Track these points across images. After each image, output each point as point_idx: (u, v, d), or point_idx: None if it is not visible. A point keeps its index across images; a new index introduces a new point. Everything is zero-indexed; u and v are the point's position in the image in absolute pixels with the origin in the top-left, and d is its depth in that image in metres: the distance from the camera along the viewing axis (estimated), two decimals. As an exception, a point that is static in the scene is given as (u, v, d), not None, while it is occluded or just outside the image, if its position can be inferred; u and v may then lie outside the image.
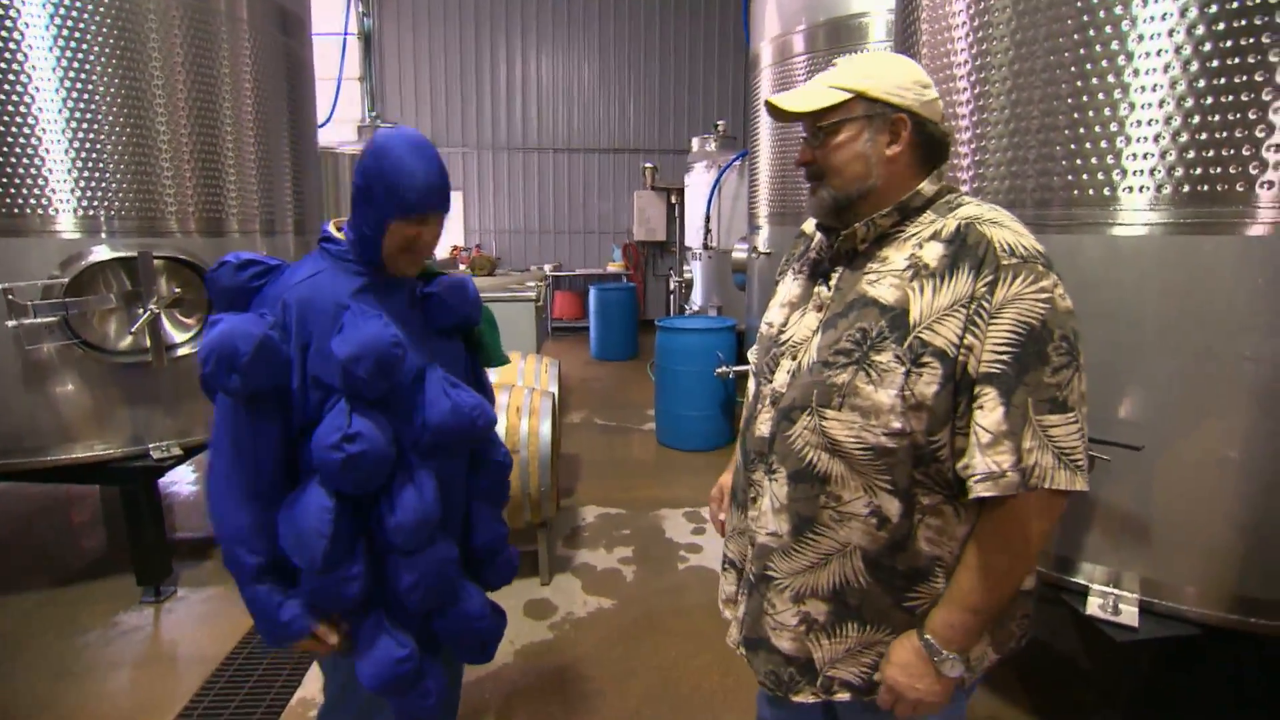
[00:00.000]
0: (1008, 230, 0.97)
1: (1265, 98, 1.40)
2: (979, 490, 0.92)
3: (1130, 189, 1.58)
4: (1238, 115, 1.44)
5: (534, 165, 9.61)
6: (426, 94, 9.29)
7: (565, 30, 9.39)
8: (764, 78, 4.09)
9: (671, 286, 7.38)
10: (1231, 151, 1.46)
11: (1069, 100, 1.63)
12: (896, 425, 0.96)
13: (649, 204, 9.24)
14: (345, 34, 6.51)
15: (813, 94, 1.05)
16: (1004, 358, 0.91)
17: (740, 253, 4.75)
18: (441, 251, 8.67)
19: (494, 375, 3.32)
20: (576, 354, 8.01)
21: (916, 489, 0.99)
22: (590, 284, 8.28)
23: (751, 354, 1.36)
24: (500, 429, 2.78)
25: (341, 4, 7.79)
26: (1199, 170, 1.50)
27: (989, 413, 0.91)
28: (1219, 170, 1.48)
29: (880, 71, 1.03)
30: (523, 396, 2.89)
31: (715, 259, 5.88)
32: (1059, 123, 1.66)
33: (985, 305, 0.92)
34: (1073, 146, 1.64)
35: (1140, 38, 1.53)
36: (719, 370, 4.34)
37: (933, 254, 0.99)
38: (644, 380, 6.69)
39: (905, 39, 2.21)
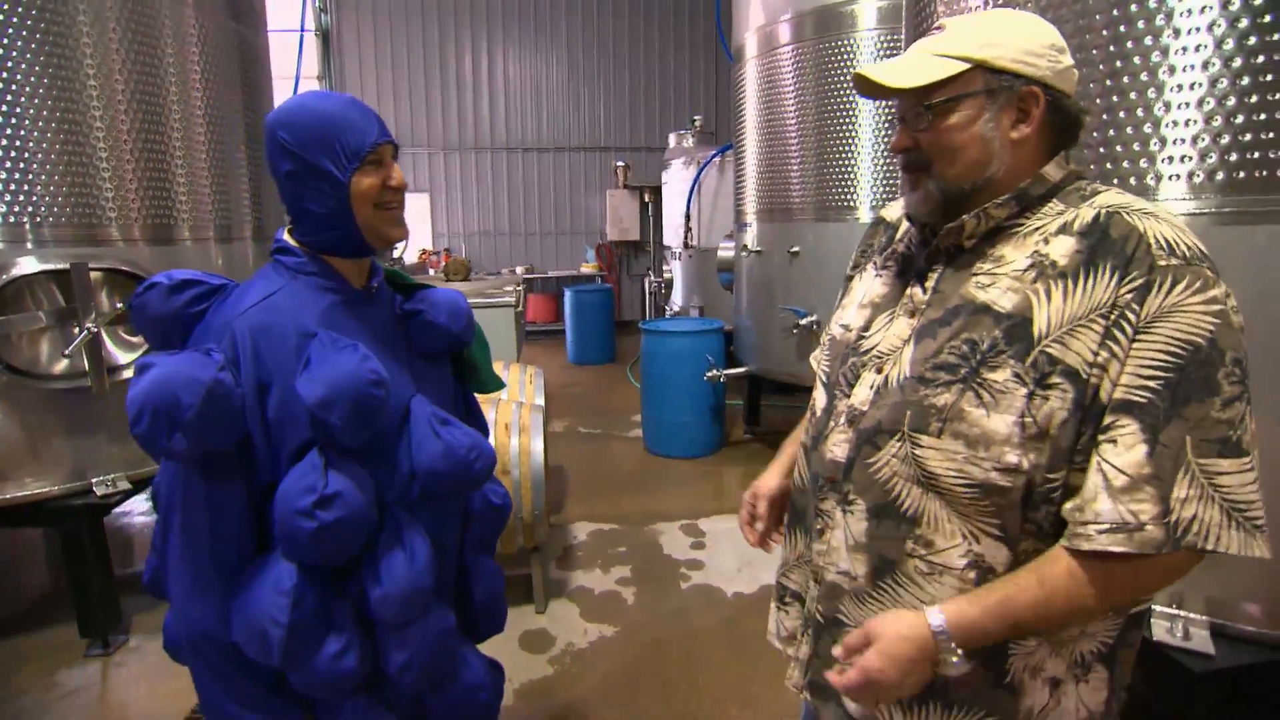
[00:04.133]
0: (1164, 223, 0.79)
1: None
2: (1103, 543, 0.73)
3: (1174, 176, 1.45)
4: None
5: (503, 165, 9.33)
6: (389, 93, 8.95)
7: (531, 27, 9.12)
8: (749, 69, 3.92)
9: (649, 287, 7.18)
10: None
11: (1106, 82, 1.48)
12: (1012, 459, 0.78)
13: (622, 203, 9.03)
14: (302, 30, 6.18)
15: (920, 65, 0.86)
16: (1152, 384, 0.73)
17: (726, 251, 4.58)
18: (410, 256, 8.36)
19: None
20: (553, 358, 7.77)
21: (1024, 538, 0.81)
22: (564, 286, 8.04)
23: (816, 358, 1.17)
24: (490, 443, 2.56)
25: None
26: (1245, 155, 1.37)
27: (1126, 450, 0.73)
28: (1267, 155, 1.34)
29: (1005, 35, 0.84)
30: (511, 412, 2.67)
31: (696, 258, 5.70)
32: (1095, 106, 1.51)
33: (1130, 316, 0.75)
34: (1111, 133, 1.49)
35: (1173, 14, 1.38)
36: (709, 374, 4.16)
37: (1062, 249, 0.81)
38: (624, 385, 6.49)
39: (917, 20, 2.04)
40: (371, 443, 0.95)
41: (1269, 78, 1.35)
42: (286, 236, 1.01)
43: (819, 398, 1.06)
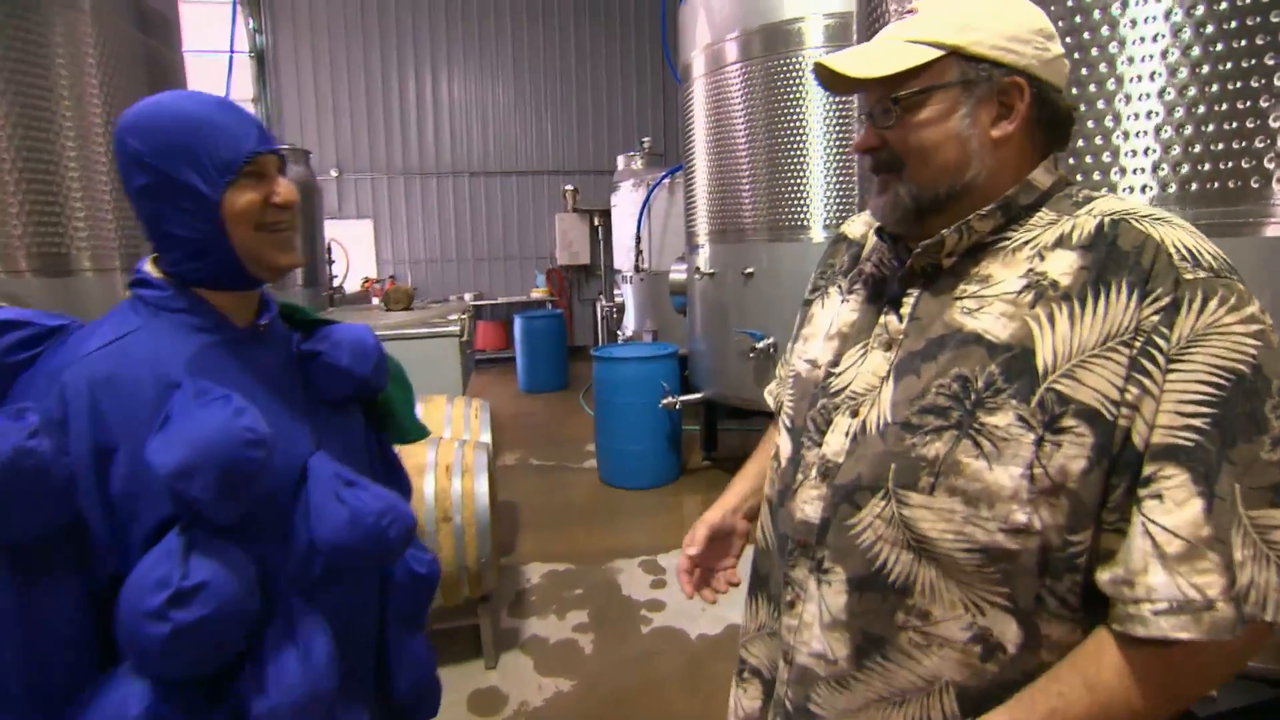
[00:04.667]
0: (1181, 229, 0.67)
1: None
2: (1164, 628, 0.60)
3: (1130, 189, 1.38)
4: (1247, 104, 1.25)
5: (448, 190, 9.11)
6: (329, 116, 8.67)
7: (476, 49, 8.98)
8: (697, 89, 3.86)
9: (601, 312, 7.04)
10: (1243, 144, 1.26)
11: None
12: (1021, 518, 0.65)
13: (571, 227, 8.91)
14: (232, 51, 5.89)
15: (887, 53, 0.74)
16: (1197, 422, 0.61)
17: (678, 274, 4.48)
18: (352, 285, 8.03)
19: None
20: (503, 387, 7.54)
21: (1042, 610, 0.68)
22: (514, 312, 7.83)
23: (774, 395, 1.04)
24: (428, 490, 2.35)
25: (230, 19, 7.14)
26: (1207, 166, 1.31)
27: (1177, 507, 0.60)
28: (1230, 165, 1.29)
29: (985, 18, 0.73)
30: (453, 451, 2.47)
31: (648, 281, 5.60)
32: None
33: (1159, 341, 0.62)
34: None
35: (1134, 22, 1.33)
36: (665, 401, 4.03)
37: (1063, 266, 0.69)
38: (578, 413, 6.30)
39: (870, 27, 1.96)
40: (255, 514, 0.77)
41: (1234, 84, 1.30)
42: (149, 267, 0.83)
43: (784, 445, 0.91)
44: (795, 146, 3.43)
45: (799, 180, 3.45)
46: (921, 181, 0.75)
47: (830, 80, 0.79)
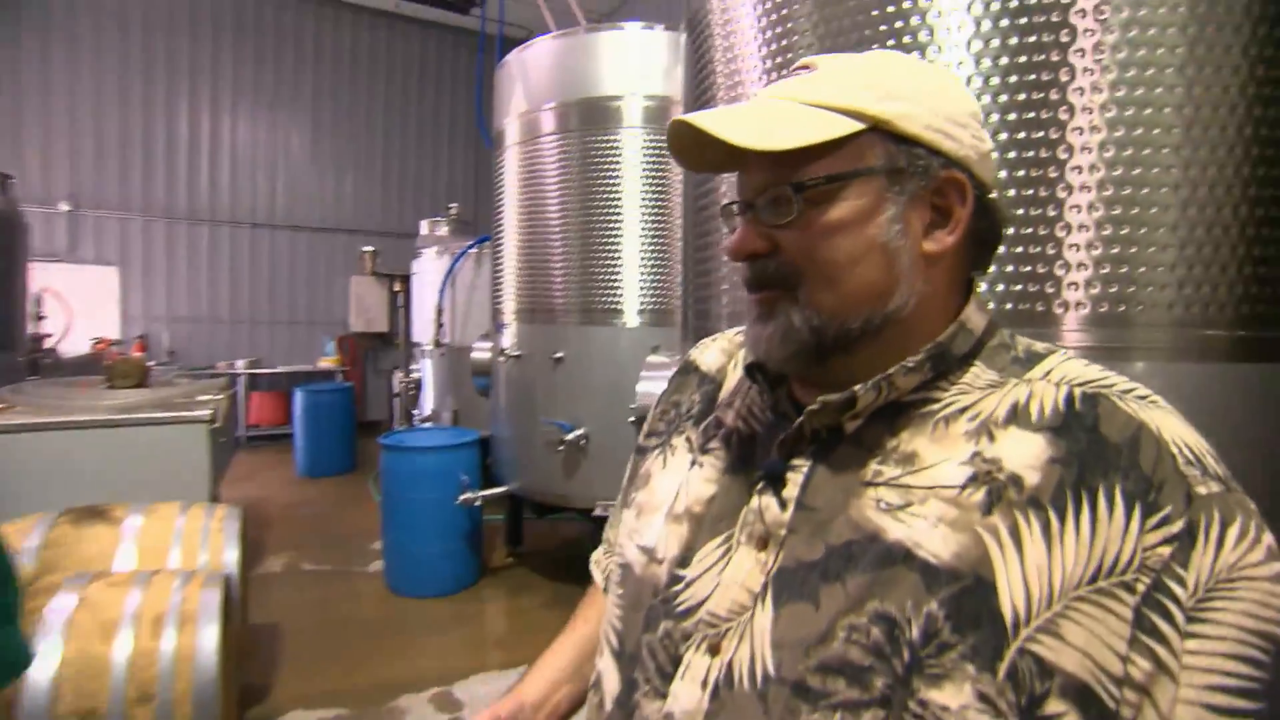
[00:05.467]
0: (1172, 415, 0.50)
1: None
2: None
3: None
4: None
5: (224, 240, 7.94)
6: (64, 139, 7.18)
7: (270, 90, 8.07)
8: (510, 157, 3.63)
9: (396, 388, 6.39)
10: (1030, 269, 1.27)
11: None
12: None
13: (368, 291, 8.16)
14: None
15: (786, 118, 0.53)
16: (1231, 714, 0.42)
17: (481, 353, 4.11)
18: (80, 345, 6.53)
19: (133, 551, 2.19)
20: (279, 470, 6.49)
21: None
22: (296, 384, 6.86)
23: (604, 566, 0.80)
24: (118, 657, 1.71)
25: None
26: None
27: None
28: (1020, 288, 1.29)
29: (914, 89, 0.54)
30: (169, 593, 1.85)
31: (450, 357, 5.15)
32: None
33: (1174, 588, 0.44)
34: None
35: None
36: (463, 498, 3.57)
37: (1024, 455, 0.49)
38: (366, 500, 5.54)
39: (698, 84, 1.77)
40: None
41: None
42: None
43: (608, 676, 0.64)
44: (611, 226, 3.30)
45: (613, 261, 3.31)
46: (827, 308, 0.53)
47: (694, 150, 0.56)
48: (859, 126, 0.52)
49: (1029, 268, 1.17)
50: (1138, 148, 1.10)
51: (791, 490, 0.56)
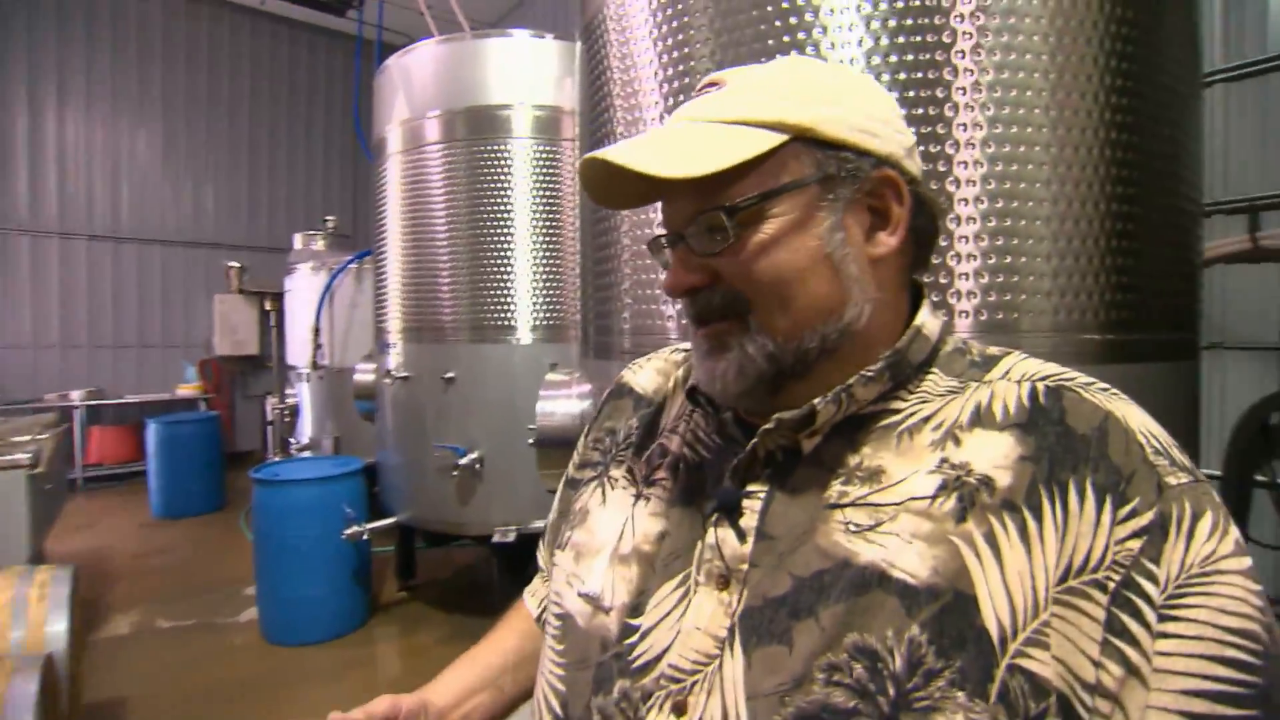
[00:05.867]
0: (1135, 407, 0.49)
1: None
2: None
3: None
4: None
5: (50, 254, 7.00)
6: None
7: (110, 86, 7.22)
8: (392, 167, 3.41)
9: (270, 415, 5.88)
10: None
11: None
12: None
13: (236, 310, 7.51)
14: None
15: (705, 141, 0.48)
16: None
17: (365, 374, 3.84)
18: None
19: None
20: (128, 514, 5.77)
21: None
22: (149, 415, 6.15)
23: (540, 597, 0.75)
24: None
25: None
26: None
27: None
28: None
29: (833, 91, 0.51)
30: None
31: (329, 380, 4.79)
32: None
33: (1145, 584, 0.41)
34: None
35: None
36: (348, 532, 3.30)
37: (993, 455, 0.46)
38: (238, 541, 5.03)
39: (594, 93, 1.70)
40: None
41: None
42: None
43: (537, 707, 0.59)
44: (501, 239, 3.17)
45: (505, 276, 3.19)
46: (781, 331, 0.50)
47: (611, 185, 0.51)
48: (782, 138, 0.49)
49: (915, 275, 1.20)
50: (1016, 162, 1.15)
51: (750, 520, 0.51)
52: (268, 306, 7.45)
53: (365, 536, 3.37)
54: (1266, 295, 2.82)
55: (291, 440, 5.16)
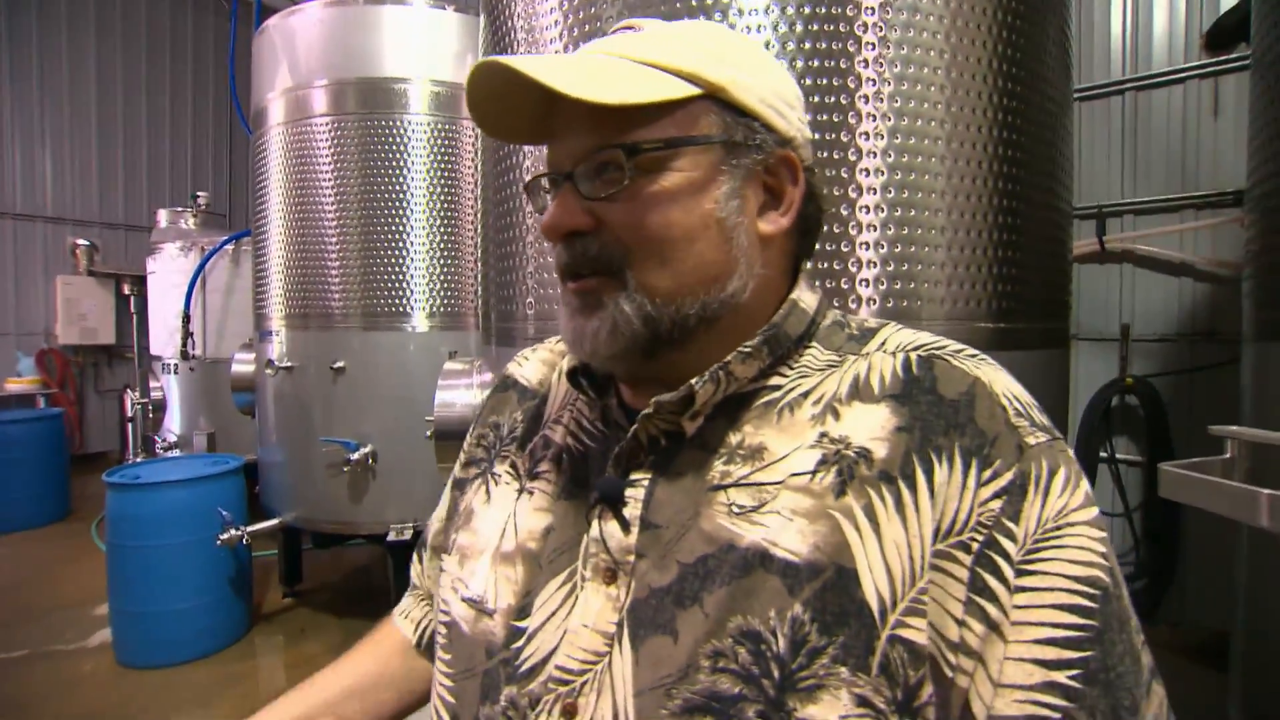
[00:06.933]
0: (1002, 371, 0.51)
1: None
2: None
3: None
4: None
5: None
6: None
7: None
8: (273, 139, 3.15)
9: (129, 411, 5.32)
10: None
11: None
12: None
13: (85, 294, 6.72)
14: None
15: (617, 73, 0.45)
16: (1063, 676, 0.40)
17: (243, 365, 3.54)
18: None
19: None
20: (-54, 528, 5.04)
21: None
22: (-26, 413, 5.41)
23: (413, 617, 0.72)
24: None
25: None
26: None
27: None
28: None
29: (746, 60, 0.50)
30: None
31: (202, 371, 4.40)
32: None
33: (1005, 542, 0.42)
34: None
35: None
36: (224, 537, 3.03)
37: (870, 426, 0.47)
38: (88, 555, 4.50)
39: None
40: None
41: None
42: None
43: None
44: (395, 220, 3.00)
45: (399, 259, 3.02)
46: (661, 292, 0.48)
47: (500, 108, 0.48)
48: (695, 91, 0.48)
49: (825, 264, 1.23)
50: (915, 171, 1.20)
51: (634, 509, 0.49)
52: (127, 290, 6.74)
53: (245, 540, 3.11)
54: (1110, 292, 3.17)
55: (156, 438, 4.69)
